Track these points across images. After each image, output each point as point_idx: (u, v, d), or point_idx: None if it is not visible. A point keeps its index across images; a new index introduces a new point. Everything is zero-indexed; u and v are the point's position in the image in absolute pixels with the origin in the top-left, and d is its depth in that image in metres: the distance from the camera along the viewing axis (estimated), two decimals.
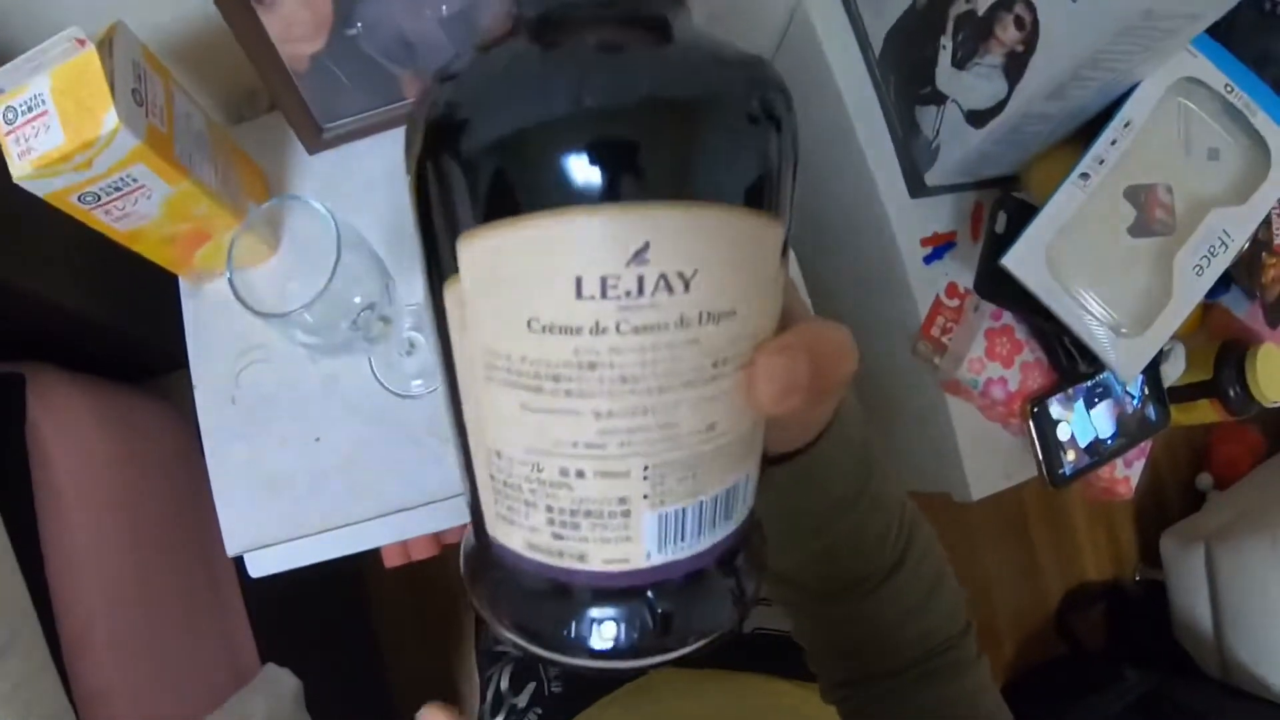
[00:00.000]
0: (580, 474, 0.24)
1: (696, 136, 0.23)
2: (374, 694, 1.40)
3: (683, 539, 0.26)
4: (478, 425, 0.26)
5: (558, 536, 0.25)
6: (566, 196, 0.22)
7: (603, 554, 0.25)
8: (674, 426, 0.24)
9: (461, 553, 0.31)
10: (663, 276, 0.22)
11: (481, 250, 0.23)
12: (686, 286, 0.22)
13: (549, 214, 0.22)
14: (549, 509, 0.25)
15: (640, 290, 0.22)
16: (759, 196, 0.24)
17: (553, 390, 0.23)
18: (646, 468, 0.24)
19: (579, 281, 0.22)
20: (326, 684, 1.00)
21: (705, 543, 0.26)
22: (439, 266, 0.25)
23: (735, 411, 0.25)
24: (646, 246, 0.22)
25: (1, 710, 0.63)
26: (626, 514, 0.24)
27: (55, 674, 0.70)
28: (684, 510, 0.25)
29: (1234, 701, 1.45)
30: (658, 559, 0.25)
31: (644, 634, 0.26)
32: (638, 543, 0.25)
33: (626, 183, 0.22)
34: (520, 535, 0.26)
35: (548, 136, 0.22)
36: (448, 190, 0.24)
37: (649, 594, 0.26)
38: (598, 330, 0.22)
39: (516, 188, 0.23)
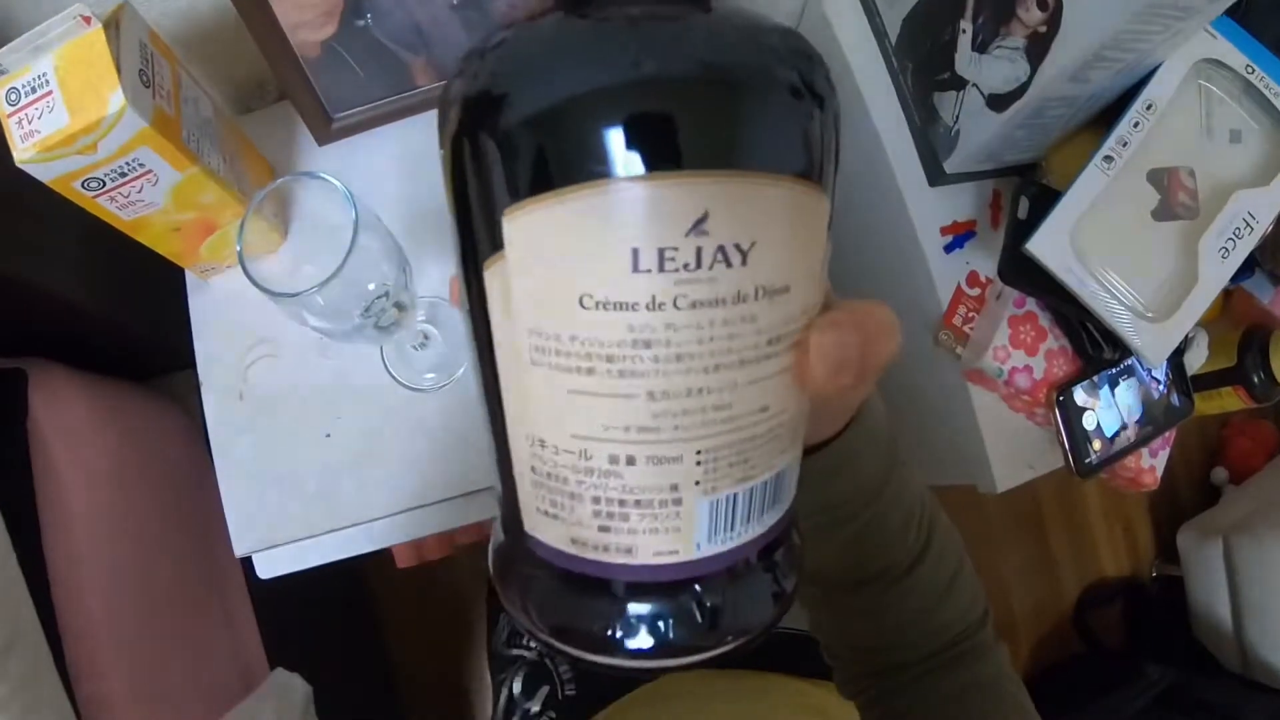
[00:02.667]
0: (631, 460, 0.23)
1: (754, 105, 0.22)
2: (382, 697, 1.39)
3: (732, 528, 0.25)
4: (520, 414, 0.25)
5: (604, 529, 0.24)
6: (624, 165, 0.21)
7: (652, 546, 0.24)
8: (728, 408, 0.23)
9: (490, 551, 0.30)
10: (720, 248, 0.21)
11: (530, 225, 0.22)
12: (744, 259, 0.22)
13: (605, 184, 0.21)
14: (596, 500, 0.24)
15: (698, 262, 0.21)
16: (811, 168, 0.24)
17: (605, 371, 0.22)
18: (700, 452, 0.23)
19: (635, 254, 0.21)
20: (334, 687, 0.98)
21: (752, 532, 0.26)
22: (478, 246, 0.24)
23: (786, 392, 0.25)
24: (706, 216, 0.21)
25: (2, 714, 0.61)
26: (678, 502, 0.24)
27: (57, 677, 0.68)
28: (735, 497, 0.24)
29: (1256, 696, 1.44)
30: (707, 550, 0.25)
31: (690, 631, 0.25)
32: (688, 533, 0.24)
33: (686, 151, 0.21)
34: (562, 530, 0.25)
35: (607, 103, 0.21)
36: (490, 164, 0.23)
37: (696, 588, 0.25)
38: (654, 306, 0.22)
39: (569, 157, 0.22)
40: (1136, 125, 0.69)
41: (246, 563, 0.70)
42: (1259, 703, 1.43)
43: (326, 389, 0.69)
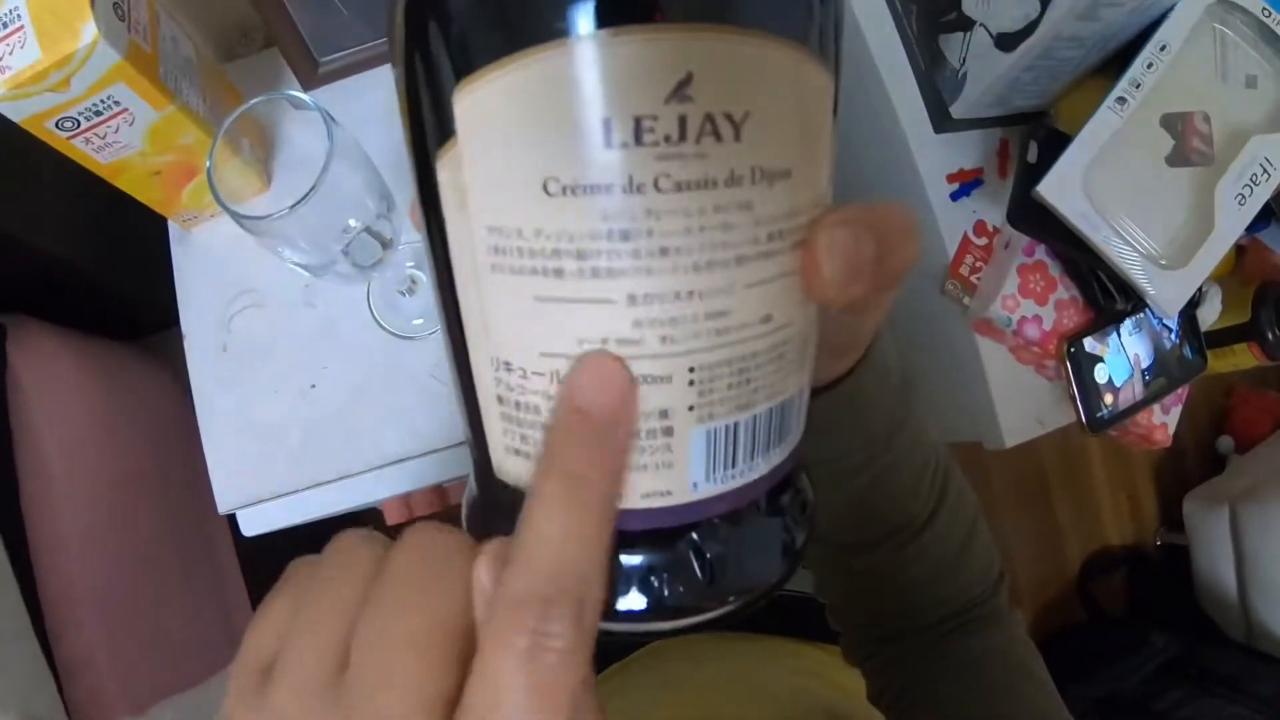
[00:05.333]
0: None
1: None
2: None
3: (733, 464, 0.21)
4: (481, 334, 0.22)
5: None
6: (587, 19, 0.18)
7: (640, 486, 0.21)
8: (724, 315, 0.20)
9: (464, 505, 0.27)
10: (709, 117, 0.18)
11: (483, 99, 0.19)
12: (737, 133, 0.19)
13: (566, 43, 0.18)
14: None
15: (683, 134, 0.18)
16: (814, 35, 0.20)
17: (576, 271, 0.19)
18: (692, 369, 0.20)
19: (607, 125, 0.18)
20: None
21: (757, 470, 0.22)
22: (428, 137, 0.21)
23: (791, 300, 0.21)
24: (689, 79, 0.18)
25: None
26: (669, 431, 0.20)
27: (34, 640, 0.67)
28: (735, 426, 0.21)
29: (1261, 666, 1.43)
30: (705, 490, 0.21)
31: (687, 587, 0.22)
32: (682, 469, 0.21)
33: (665, 3, 0.18)
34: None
35: None
36: (434, 39, 0.20)
37: (694, 536, 0.22)
38: (631, 188, 0.18)
39: (521, 15, 0.19)
40: (1150, 66, 0.67)
41: (233, 520, 0.69)
42: (1264, 673, 1.42)
43: (312, 339, 0.68)
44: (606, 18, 0.18)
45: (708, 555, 0.22)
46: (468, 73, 0.19)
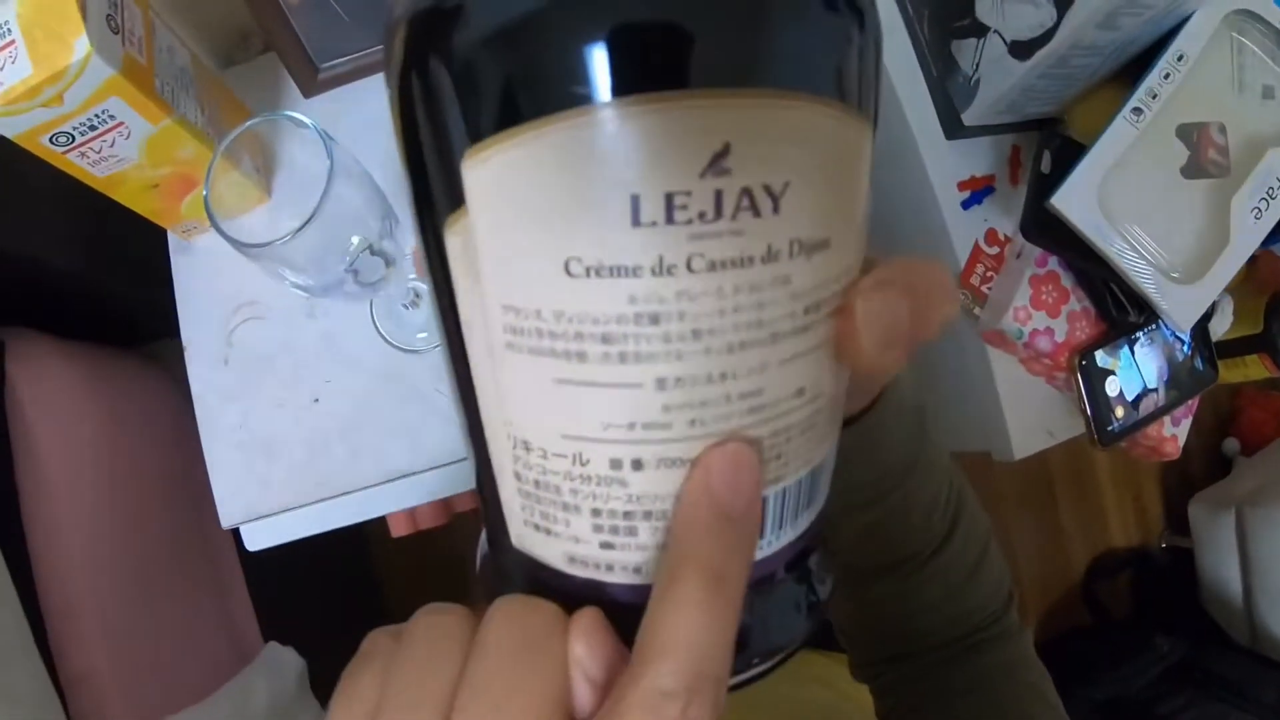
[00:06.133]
0: (637, 465, 0.19)
1: (784, 7, 0.17)
2: None
3: (762, 535, 0.21)
4: (496, 407, 0.20)
5: (607, 546, 0.20)
6: (616, 84, 0.16)
7: None
8: (757, 395, 0.19)
9: (477, 558, 0.26)
10: (746, 191, 0.17)
11: (497, 169, 0.17)
12: (775, 205, 0.17)
13: (592, 111, 0.16)
14: (596, 512, 0.20)
15: (719, 211, 0.17)
16: (853, 88, 0.19)
17: (601, 356, 0.18)
18: None
19: (636, 202, 0.17)
20: (332, 662, 0.96)
21: (785, 539, 0.21)
22: (436, 203, 0.20)
23: (825, 370, 0.20)
24: (726, 150, 0.16)
25: None
26: None
27: (37, 656, 0.66)
28: (766, 500, 0.20)
29: (1266, 671, 1.42)
30: None
31: None
32: None
33: (699, 64, 0.16)
34: (558, 547, 0.21)
35: (594, 7, 0.16)
36: (443, 97, 0.18)
37: None
38: (662, 269, 0.17)
39: (542, 78, 0.17)
40: (1167, 76, 0.66)
41: (237, 532, 0.68)
42: (1268, 679, 1.41)
43: (315, 352, 0.67)
44: (636, 83, 0.16)
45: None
46: (479, 139, 0.17)
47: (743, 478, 0.19)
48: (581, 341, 0.18)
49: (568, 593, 0.21)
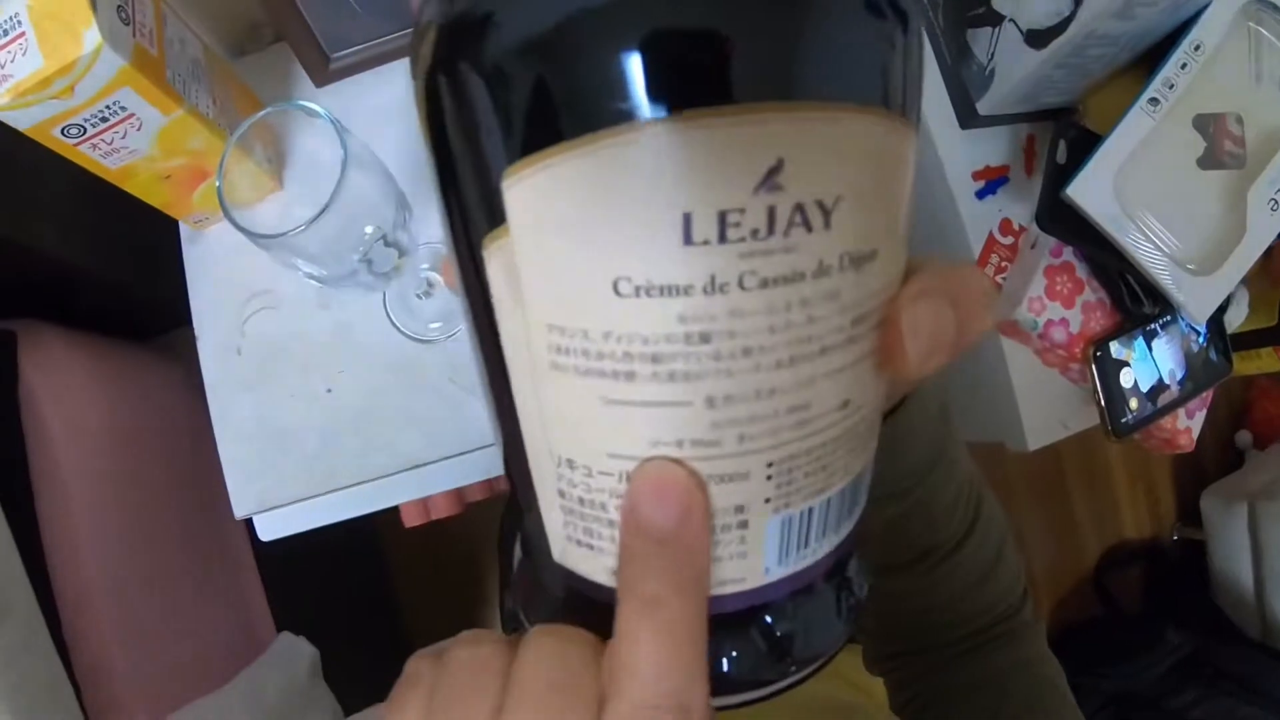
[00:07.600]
0: None
1: (830, 13, 0.17)
2: (393, 662, 1.37)
3: (806, 545, 0.21)
4: (538, 426, 0.20)
5: None
6: (666, 100, 0.16)
7: (713, 575, 0.20)
8: (805, 409, 0.19)
9: (514, 566, 0.25)
10: (799, 207, 0.17)
11: (539, 190, 0.17)
12: (827, 220, 0.17)
13: (641, 128, 0.16)
14: None
15: (771, 228, 0.16)
16: (900, 95, 0.19)
17: (650, 375, 0.18)
18: (771, 464, 0.19)
19: (688, 221, 0.16)
20: (344, 652, 0.96)
21: (828, 546, 0.21)
22: (471, 221, 0.19)
23: (869, 381, 0.20)
24: (780, 165, 0.16)
25: None
26: (744, 524, 0.19)
27: (51, 647, 0.66)
28: (810, 511, 0.20)
29: (1276, 666, 1.41)
30: (777, 573, 0.20)
31: (756, 664, 0.21)
32: (755, 557, 0.20)
33: (749, 77, 0.16)
34: (602, 562, 0.20)
35: (635, 13, 0.16)
36: (479, 111, 0.17)
37: (766, 619, 0.21)
38: (714, 288, 0.17)
39: (587, 94, 0.16)
40: (1184, 67, 0.65)
41: (250, 523, 0.68)
42: (1278, 674, 1.40)
43: (327, 342, 0.67)
44: (688, 97, 0.16)
45: (778, 634, 0.21)
46: (521, 155, 0.17)
47: (668, 498, 0.18)
48: (630, 361, 0.18)
49: (609, 605, 0.20)
